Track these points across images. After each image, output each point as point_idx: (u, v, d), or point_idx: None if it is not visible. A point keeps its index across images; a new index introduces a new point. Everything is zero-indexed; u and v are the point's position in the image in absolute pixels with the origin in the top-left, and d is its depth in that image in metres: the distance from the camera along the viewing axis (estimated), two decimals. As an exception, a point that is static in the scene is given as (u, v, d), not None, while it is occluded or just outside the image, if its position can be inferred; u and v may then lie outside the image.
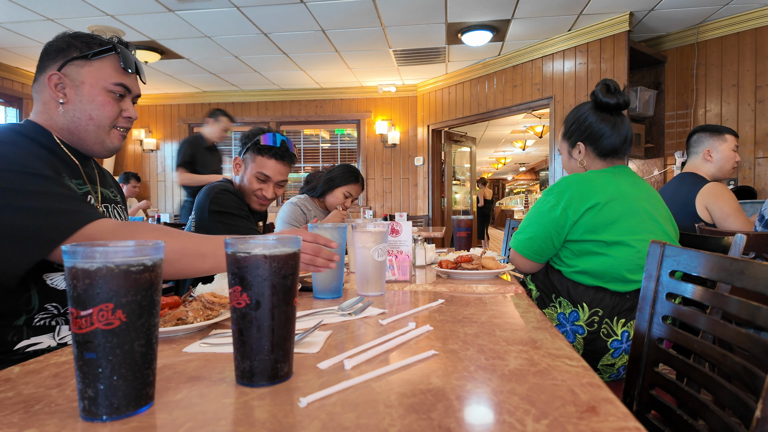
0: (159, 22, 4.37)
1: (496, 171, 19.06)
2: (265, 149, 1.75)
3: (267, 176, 1.77)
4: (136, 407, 0.49)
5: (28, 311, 0.96)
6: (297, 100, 6.90)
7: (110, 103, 1.08)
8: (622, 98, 1.47)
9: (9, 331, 0.94)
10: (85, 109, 1.07)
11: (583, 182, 1.39)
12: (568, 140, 1.57)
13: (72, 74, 1.06)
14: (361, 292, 1.17)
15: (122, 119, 1.12)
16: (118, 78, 1.09)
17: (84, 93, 1.07)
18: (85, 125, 1.08)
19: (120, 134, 1.13)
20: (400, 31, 4.63)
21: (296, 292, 0.60)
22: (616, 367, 1.33)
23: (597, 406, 0.50)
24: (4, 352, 0.93)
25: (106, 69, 1.08)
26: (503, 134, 10.78)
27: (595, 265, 1.34)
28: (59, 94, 1.06)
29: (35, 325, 0.97)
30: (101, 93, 1.07)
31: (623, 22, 4.27)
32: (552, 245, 1.41)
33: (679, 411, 0.90)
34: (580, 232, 1.36)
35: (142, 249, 0.50)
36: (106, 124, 1.09)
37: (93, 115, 1.07)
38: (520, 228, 1.48)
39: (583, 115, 1.52)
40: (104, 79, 1.08)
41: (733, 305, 0.77)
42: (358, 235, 1.15)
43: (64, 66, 1.05)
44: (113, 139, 1.12)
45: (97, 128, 1.09)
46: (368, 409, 0.50)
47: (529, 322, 0.88)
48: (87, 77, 1.07)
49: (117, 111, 1.10)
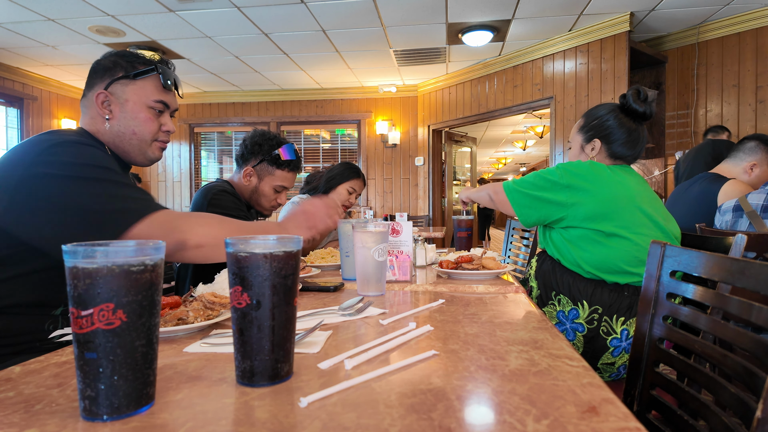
0: (160, 23, 4.37)
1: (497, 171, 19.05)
2: (285, 164, 1.82)
3: (285, 188, 1.87)
4: (136, 407, 0.49)
5: (66, 303, 1.01)
6: (297, 100, 6.90)
7: (151, 119, 1.17)
8: (649, 109, 1.49)
9: (46, 320, 1.01)
10: (129, 125, 1.15)
11: (592, 168, 1.40)
12: (584, 134, 1.58)
13: (117, 92, 1.14)
14: (361, 292, 1.17)
15: (162, 133, 1.20)
16: (159, 96, 1.17)
17: (128, 110, 1.15)
18: (129, 139, 1.16)
19: (160, 146, 1.22)
20: (400, 31, 4.63)
21: (297, 292, 0.60)
22: (617, 366, 1.33)
23: (597, 407, 0.50)
24: (39, 339, 0.99)
25: (148, 87, 1.16)
26: (504, 134, 10.78)
27: (594, 255, 1.35)
28: (106, 110, 1.14)
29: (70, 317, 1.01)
30: (143, 110, 1.16)
31: (624, 23, 4.27)
32: (544, 212, 1.42)
33: (679, 411, 0.90)
34: (580, 219, 1.37)
35: (143, 249, 0.50)
36: (148, 138, 1.17)
37: (136, 130, 1.16)
38: (518, 180, 1.49)
39: (606, 115, 1.53)
40: (146, 96, 1.16)
41: (734, 305, 0.77)
42: (359, 235, 1.15)
43: (110, 85, 1.14)
44: (155, 151, 1.21)
45: (140, 142, 1.17)
46: (369, 409, 0.50)
47: (529, 322, 0.88)
48: (131, 95, 1.15)
49: (157, 126, 1.19)
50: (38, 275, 0.99)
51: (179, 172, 7.15)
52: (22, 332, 0.98)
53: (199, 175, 7.21)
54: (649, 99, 1.50)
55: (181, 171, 7.14)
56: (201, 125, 7.17)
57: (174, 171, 7.17)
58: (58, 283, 1.00)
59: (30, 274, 0.98)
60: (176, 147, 7.15)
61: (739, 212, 1.81)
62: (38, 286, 0.99)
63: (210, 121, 7.08)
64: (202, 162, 7.28)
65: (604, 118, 1.53)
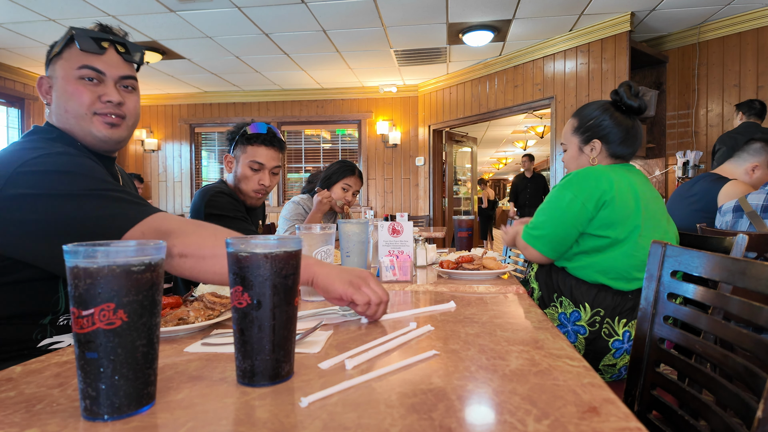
0: (160, 23, 4.37)
1: (498, 171, 19.05)
2: (254, 137, 1.78)
3: (261, 164, 1.78)
4: (137, 407, 0.49)
5: (54, 312, 0.98)
6: (298, 100, 6.90)
7: (80, 90, 1.01)
8: (643, 102, 1.48)
9: (34, 329, 0.97)
10: (61, 104, 1.02)
11: (598, 176, 1.36)
12: (580, 135, 1.54)
13: (52, 74, 1.03)
14: (304, 297, 1.11)
15: (100, 104, 1.03)
16: (82, 61, 1.01)
17: (59, 88, 1.02)
18: (67, 120, 1.02)
19: (104, 121, 1.04)
20: (401, 31, 4.63)
21: (297, 292, 0.60)
22: (618, 368, 1.33)
23: (598, 407, 0.50)
24: (28, 348, 0.96)
25: (72, 57, 1.01)
26: (504, 134, 10.78)
27: (603, 261, 1.34)
28: (47, 97, 1.04)
29: (59, 325, 0.99)
30: (70, 82, 1.01)
31: (624, 22, 4.26)
32: (572, 240, 1.38)
33: (680, 411, 0.90)
34: (594, 227, 1.35)
35: (144, 249, 0.50)
36: (81, 112, 1.01)
37: (67, 107, 1.01)
38: (534, 223, 1.44)
39: (602, 114, 1.51)
40: (70, 67, 1.01)
41: (735, 305, 0.77)
42: (304, 235, 1.10)
43: (48, 67, 1.03)
44: (98, 127, 1.03)
45: (76, 119, 1.02)
46: (369, 409, 0.50)
47: (530, 322, 0.88)
48: (59, 71, 1.02)
49: (91, 97, 1.02)
50: (25, 285, 0.94)
51: (180, 172, 7.15)
52: (10, 342, 0.94)
53: (200, 175, 7.22)
54: (641, 93, 1.49)
55: (181, 171, 7.15)
56: (202, 125, 7.17)
57: (174, 171, 7.17)
58: (45, 293, 0.96)
59: (17, 284, 0.93)
60: (177, 147, 7.15)
61: (739, 213, 1.80)
62: (26, 296, 0.95)
63: (211, 121, 7.09)
64: (203, 162, 7.28)
65: (599, 118, 1.50)
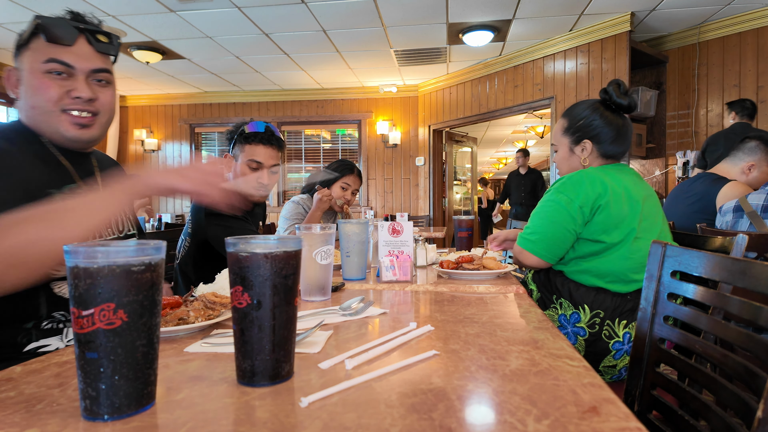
0: (160, 23, 4.37)
1: (498, 171, 19.04)
2: (252, 136, 1.78)
3: (259, 162, 1.78)
4: (137, 407, 0.49)
5: (36, 317, 0.96)
6: (298, 100, 6.90)
7: (47, 84, 0.94)
8: (632, 100, 1.47)
9: (18, 333, 0.95)
10: (28, 100, 0.96)
11: (592, 179, 1.36)
12: (571, 136, 1.53)
13: (20, 66, 0.97)
14: (305, 297, 1.11)
15: (69, 100, 0.96)
16: (49, 54, 0.94)
17: (25, 81, 0.96)
18: (33, 117, 0.97)
19: (72, 119, 0.97)
20: (401, 31, 4.63)
21: (297, 292, 0.60)
22: (618, 369, 1.33)
23: (598, 407, 0.50)
24: (15, 352, 0.94)
25: (39, 48, 0.95)
26: (504, 134, 10.77)
27: (600, 264, 1.33)
28: (15, 91, 0.99)
29: (43, 329, 0.98)
30: (36, 76, 0.95)
31: (624, 22, 4.26)
32: (569, 243, 1.37)
33: (680, 411, 0.90)
34: (590, 232, 1.34)
35: (144, 249, 0.50)
36: (48, 108, 0.95)
37: (33, 102, 0.95)
38: (529, 228, 1.43)
39: (592, 114, 1.49)
40: (36, 60, 0.94)
41: (735, 305, 0.77)
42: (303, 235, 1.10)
43: (17, 59, 0.97)
44: (66, 126, 0.96)
45: (43, 116, 0.96)
46: (369, 409, 0.50)
47: (530, 323, 0.88)
48: (25, 63, 0.96)
49: (59, 92, 0.95)
50: None
51: (180, 172, 7.14)
52: None
53: (200, 175, 7.21)
54: (630, 91, 1.49)
55: (181, 171, 7.14)
56: (202, 125, 7.17)
57: (175, 171, 7.16)
58: (25, 298, 0.93)
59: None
60: (177, 147, 7.15)
61: (739, 213, 1.81)
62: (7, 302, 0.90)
63: (211, 121, 7.09)
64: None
65: (590, 118, 1.49)
